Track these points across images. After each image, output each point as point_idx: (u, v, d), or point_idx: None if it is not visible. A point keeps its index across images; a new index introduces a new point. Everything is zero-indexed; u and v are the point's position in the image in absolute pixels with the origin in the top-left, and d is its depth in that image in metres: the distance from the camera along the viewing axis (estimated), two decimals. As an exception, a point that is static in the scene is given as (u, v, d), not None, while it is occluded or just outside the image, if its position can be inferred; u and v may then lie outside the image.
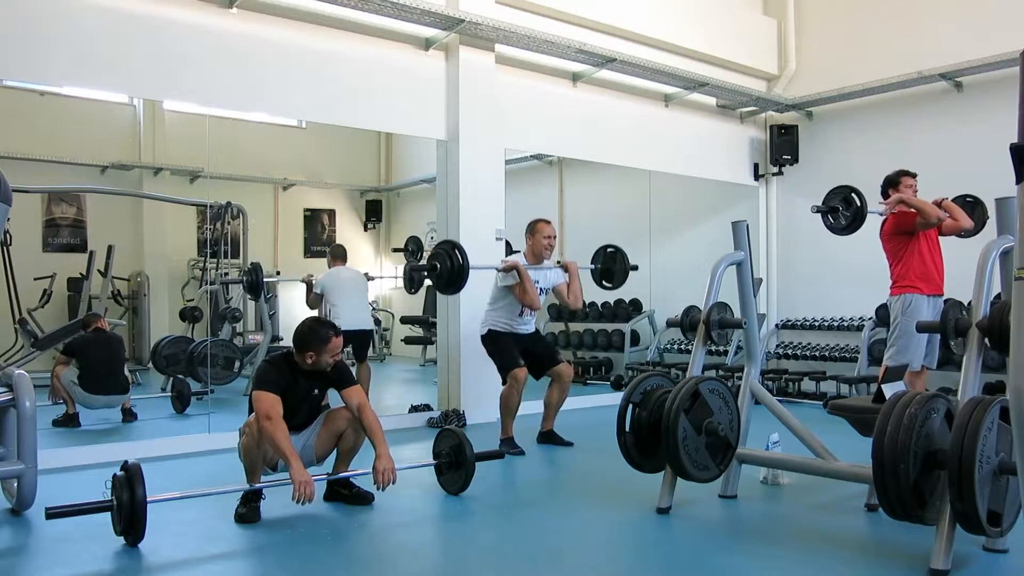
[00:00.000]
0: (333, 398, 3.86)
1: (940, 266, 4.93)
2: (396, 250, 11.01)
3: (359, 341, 6.58)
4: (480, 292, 6.29)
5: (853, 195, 4.90)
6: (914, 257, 4.85)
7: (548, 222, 5.32)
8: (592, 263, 5.72)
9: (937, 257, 4.92)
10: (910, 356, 4.75)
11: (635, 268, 5.77)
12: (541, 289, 5.24)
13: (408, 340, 11.00)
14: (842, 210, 4.93)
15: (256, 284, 7.03)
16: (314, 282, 6.58)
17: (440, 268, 4.92)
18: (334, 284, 6.54)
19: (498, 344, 5.21)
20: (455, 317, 6.30)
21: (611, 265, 5.67)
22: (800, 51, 8.44)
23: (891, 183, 4.98)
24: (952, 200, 4.99)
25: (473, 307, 6.19)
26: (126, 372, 6.36)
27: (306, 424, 3.76)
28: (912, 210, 4.80)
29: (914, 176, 4.98)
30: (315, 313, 6.40)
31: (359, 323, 6.53)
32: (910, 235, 4.84)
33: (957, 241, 5.05)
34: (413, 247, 10.03)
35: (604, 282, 5.72)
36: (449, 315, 6.39)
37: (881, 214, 4.98)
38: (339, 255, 6.86)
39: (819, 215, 5.04)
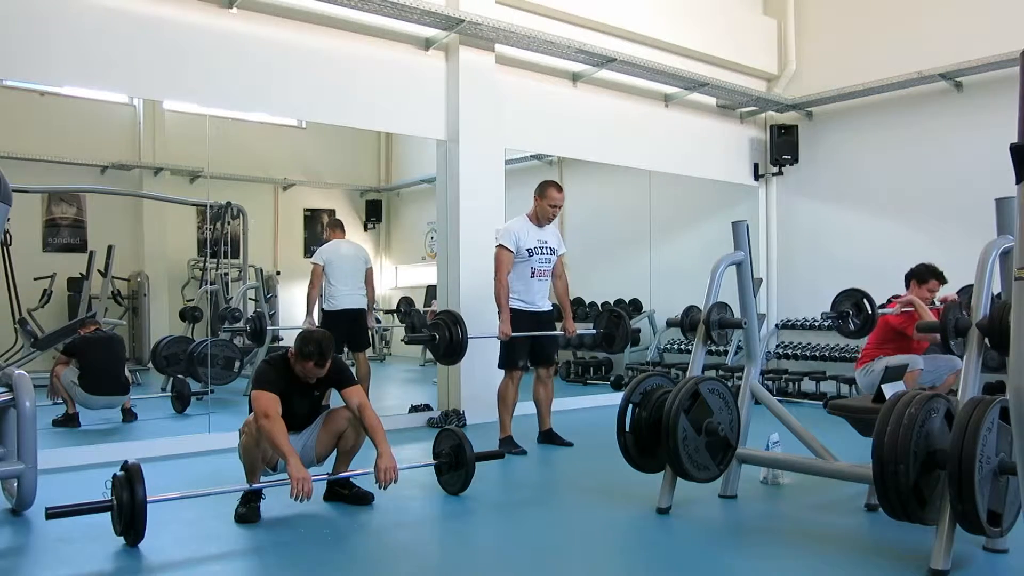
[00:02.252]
0: (334, 398, 3.87)
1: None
2: (388, 312, 11.05)
3: (354, 323, 6.44)
4: (478, 290, 6.31)
5: (864, 301, 4.89)
6: (899, 350, 4.93)
7: (560, 189, 5.21)
8: (594, 327, 5.64)
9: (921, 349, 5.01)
10: (910, 357, 4.78)
11: (637, 332, 5.70)
12: (551, 249, 5.22)
13: (408, 340, 10.98)
14: (852, 315, 4.95)
15: (260, 332, 6.95)
16: (314, 258, 6.49)
17: (439, 339, 4.98)
18: (335, 258, 6.41)
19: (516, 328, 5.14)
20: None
21: (613, 330, 5.55)
22: (800, 51, 8.43)
23: (918, 277, 4.97)
24: (962, 290, 4.90)
25: (474, 307, 6.20)
26: (126, 372, 6.36)
27: (306, 424, 3.76)
28: (916, 316, 4.79)
29: (943, 282, 4.96)
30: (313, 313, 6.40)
31: (355, 303, 6.46)
32: (906, 337, 4.90)
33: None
34: (405, 308, 9.95)
35: (605, 343, 5.62)
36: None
37: (893, 313, 5.00)
38: (337, 226, 6.78)
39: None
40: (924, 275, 4.96)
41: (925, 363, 4.88)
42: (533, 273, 5.16)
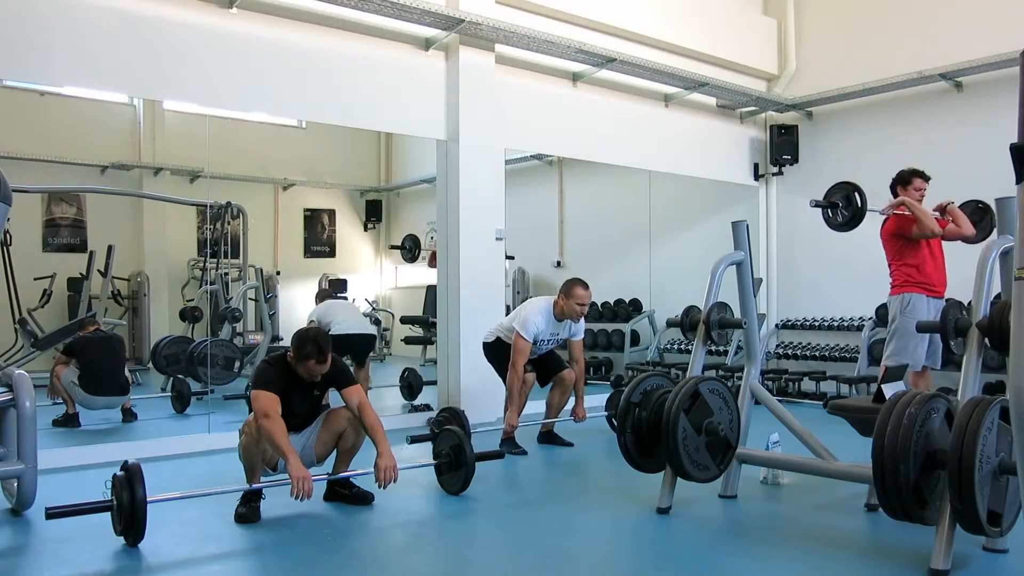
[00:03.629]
0: (333, 398, 3.86)
1: (941, 269, 4.88)
2: (393, 247, 11.06)
3: (360, 347, 6.61)
4: (478, 290, 6.31)
5: (855, 194, 4.85)
6: (914, 259, 4.81)
7: (587, 288, 5.14)
8: (606, 409, 5.90)
9: (939, 260, 4.87)
10: (909, 356, 4.73)
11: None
12: (559, 340, 5.28)
13: (408, 340, 10.99)
14: (841, 207, 4.88)
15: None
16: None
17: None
18: (327, 309, 6.71)
19: (504, 357, 5.17)
20: (455, 317, 6.30)
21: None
22: (800, 51, 8.43)
23: (902, 181, 4.88)
24: (962, 205, 4.90)
25: (473, 306, 6.21)
26: (126, 372, 6.36)
27: (306, 424, 3.76)
28: (911, 214, 4.76)
29: (927, 179, 4.88)
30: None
31: (359, 327, 6.58)
32: (908, 239, 4.82)
33: (957, 242, 5.04)
34: (410, 244, 10.05)
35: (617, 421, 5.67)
36: (449, 315, 6.39)
37: (882, 213, 4.94)
38: (326, 295, 7.23)
39: (818, 209, 5.01)
40: (907, 177, 4.84)
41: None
42: (532, 352, 5.23)
